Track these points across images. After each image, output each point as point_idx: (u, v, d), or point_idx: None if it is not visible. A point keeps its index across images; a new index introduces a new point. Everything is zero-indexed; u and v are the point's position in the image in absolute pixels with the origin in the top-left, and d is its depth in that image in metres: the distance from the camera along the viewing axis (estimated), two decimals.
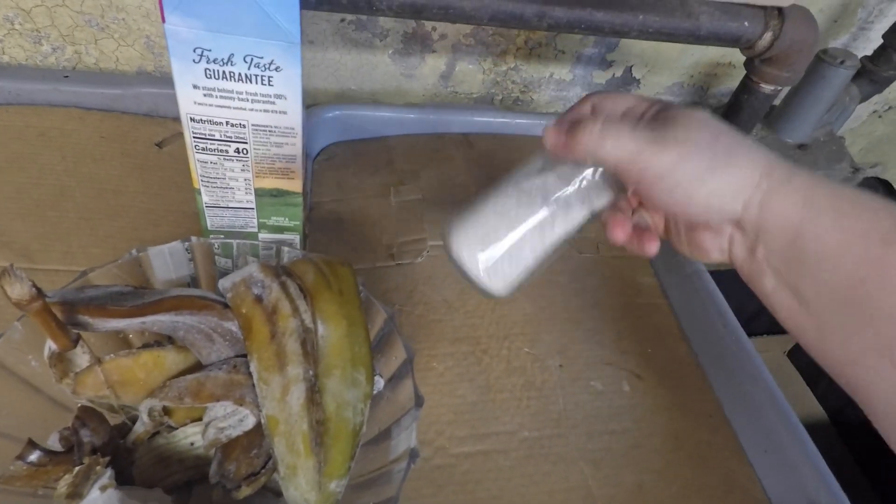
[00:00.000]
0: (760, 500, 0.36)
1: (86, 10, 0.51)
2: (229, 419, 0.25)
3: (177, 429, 0.28)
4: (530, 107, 0.71)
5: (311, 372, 0.25)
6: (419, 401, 0.25)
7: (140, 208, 0.47)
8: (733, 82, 0.72)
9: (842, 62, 0.51)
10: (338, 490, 0.24)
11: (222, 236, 0.35)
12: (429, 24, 0.58)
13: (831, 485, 0.34)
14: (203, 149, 0.29)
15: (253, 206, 0.33)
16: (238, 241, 0.30)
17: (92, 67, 0.55)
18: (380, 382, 0.27)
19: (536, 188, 0.28)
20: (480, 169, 0.57)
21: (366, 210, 0.51)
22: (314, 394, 0.24)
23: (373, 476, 0.25)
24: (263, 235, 0.36)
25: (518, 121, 0.61)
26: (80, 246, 0.43)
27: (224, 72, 0.26)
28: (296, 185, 0.32)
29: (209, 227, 0.35)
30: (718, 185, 0.24)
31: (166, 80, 0.57)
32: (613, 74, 0.69)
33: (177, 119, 0.55)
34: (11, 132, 0.50)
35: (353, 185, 0.54)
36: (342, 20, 0.56)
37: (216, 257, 0.33)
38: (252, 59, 0.26)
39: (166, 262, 0.29)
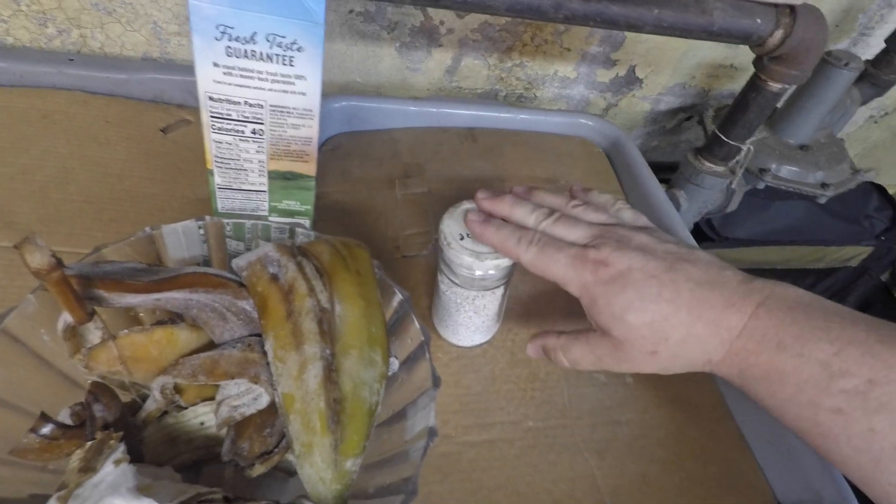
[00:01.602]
0: (763, 490, 0.36)
1: None
2: (243, 398, 0.25)
3: (186, 408, 0.28)
4: (534, 103, 0.71)
5: (327, 351, 0.25)
6: (436, 381, 0.25)
7: (144, 193, 0.47)
8: (734, 84, 0.73)
9: (846, 64, 0.52)
10: (353, 469, 0.24)
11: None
12: (437, 18, 0.58)
13: (836, 476, 0.35)
14: (219, 129, 0.29)
15: (265, 188, 0.33)
16: (251, 221, 0.30)
17: (97, 52, 0.55)
18: (395, 364, 0.27)
19: (464, 280, 0.34)
20: (485, 163, 0.57)
21: (371, 202, 0.51)
22: (331, 372, 0.24)
23: (388, 456, 0.25)
24: (274, 219, 0.36)
25: (522, 116, 0.61)
26: (84, 228, 0.43)
27: (245, 50, 0.26)
28: (310, 169, 0.32)
29: (220, 209, 0.34)
30: (670, 372, 0.31)
31: (172, 67, 0.57)
32: (617, 74, 0.69)
33: (182, 106, 0.55)
34: (15, 114, 0.49)
35: (358, 176, 0.54)
36: (350, 11, 0.56)
37: (227, 240, 0.33)
38: (274, 38, 0.26)
39: (179, 240, 0.29)
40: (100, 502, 0.21)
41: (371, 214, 0.50)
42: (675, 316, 0.28)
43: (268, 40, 0.26)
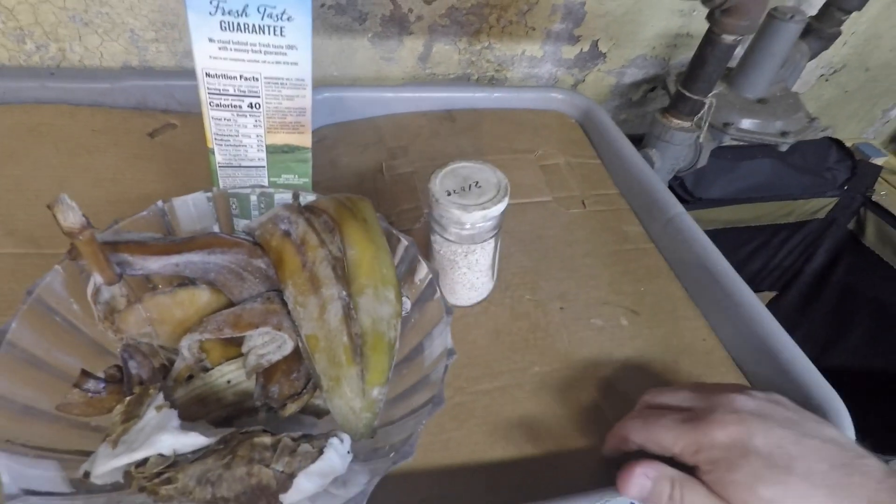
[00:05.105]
0: None
1: (69, 5, 0.51)
2: (268, 346, 0.27)
3: (212, 369, 0.29)
4: (505, 85, 0.74)
5: (344, 293, 0.26)
6: (449, 309, 0.27)
7: (139, 194, 0.48)
8: (691, 53, 0.77)
9: (791, 17, 0.56)
10: (380, 398, 0.25)
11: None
12: (405, 6, 0.60)
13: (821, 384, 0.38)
14: (218, 105, 0.31)
15: (264, 163, 0.35)
16: (255, 191, 0.32)
17: (76, 65, 0.56)
18: (407, 304, 0.29)
19: (455, 235, 0.36)
20: (465, 140, 0.59)
21: (361, 185, 0.53)
22: (350, 310, 0.26)
23: (411, 385, 0.27)
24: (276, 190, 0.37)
25: (496, 94, 0.64)
26: None
27: (239, 23, 0.28)
28: (305, 140, 0.34)
29: (221, 188, 0.36)
30: None
31: (152, 73, 0.59)
32: (581, 49, 0.72)
33: (166, 111, 0.56)
34: (2, 129, 0.50)
35: (345, 163, 0.55)
36: (322, 5, 0.58)
37: (235, 220, 0.34)
38: (265, 10, 0.27)
39: (190, 212, 0.30)
40: (147, 440, 0.22)
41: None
42: (812, 497, 0.25)
43: (259, 11, 0.27)
